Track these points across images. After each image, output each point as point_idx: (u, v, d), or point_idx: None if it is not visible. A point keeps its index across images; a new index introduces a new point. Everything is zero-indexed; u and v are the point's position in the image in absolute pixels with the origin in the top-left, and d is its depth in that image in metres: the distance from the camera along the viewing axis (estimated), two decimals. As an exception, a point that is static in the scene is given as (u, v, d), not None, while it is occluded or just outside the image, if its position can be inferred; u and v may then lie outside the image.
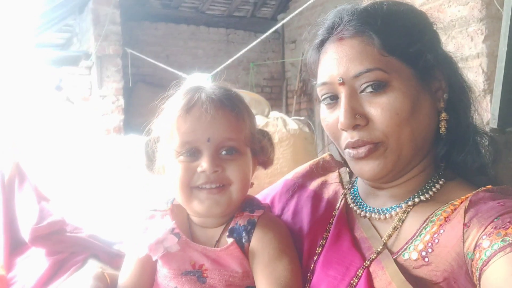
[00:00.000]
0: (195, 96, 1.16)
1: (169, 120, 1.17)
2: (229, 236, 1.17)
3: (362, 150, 1.05)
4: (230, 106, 1.17)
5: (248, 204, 1.23)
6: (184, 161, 1.14)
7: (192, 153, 1.14)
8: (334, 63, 1.08)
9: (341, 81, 1.06)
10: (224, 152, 1.15)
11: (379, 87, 1.02)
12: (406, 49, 1.03)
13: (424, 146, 1.09)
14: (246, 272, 1.15)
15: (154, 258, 1.15)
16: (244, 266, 1.15)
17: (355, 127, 1.05)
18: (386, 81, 1.02)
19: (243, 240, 1.16)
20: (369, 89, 1.03)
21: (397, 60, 1.03)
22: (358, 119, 1.04)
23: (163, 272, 1.19)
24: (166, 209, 1.25)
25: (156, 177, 1.26)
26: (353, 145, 1.06)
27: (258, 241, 1.15)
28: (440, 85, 1.09)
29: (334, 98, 1.10)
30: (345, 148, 1.09)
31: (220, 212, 1.16)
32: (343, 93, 1.06)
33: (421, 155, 1.10)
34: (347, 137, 1.07)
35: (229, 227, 1.19)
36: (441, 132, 1.09)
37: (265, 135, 1.30)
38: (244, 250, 1.15)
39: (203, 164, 1.11)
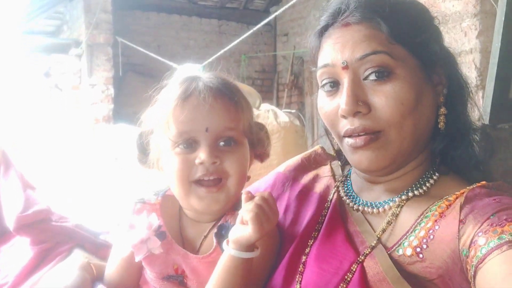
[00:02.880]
0: (192, 85, 1.13)
1: (165, 110, 1.13)
2: (217, 234, 1.14)
3: (360, 139, 1.02)
4: (228, 95, 1.13)
5: (240, 202, 1.21)
6: (181, 153, 1.11)
7: (189, 144, 1.10)
8: (338, 47, 1.04)
9: (345, 64, 1.02)
10: (222, 143, 1.11)
11: (384, 74, 0.99)
12: (413, 38, 1.01)
13: (423, 140, 1.07)
14: None
15: (137, 259, 1.11)
16: None
17: (356, 114, 1.01)
18: (391, 68, 0.99)
19: None
20: (373, 77, 1.00)
21: (403, 48, 1.01)
22: (360, 106, 1.00)
23: (148, 272, 1.17)
24: (155, 203, 1.22)
25: (147, 170, 1.23)
26: (352, 132, 1.03)
27: None
28: (440, 79, 1.07)
29: (334, 85, 1.07)
30: (343, 137, 1.06)
31: (219, 209, 1.14)
32: (346, 78, 1.03)
33: (419, 149, 1.08)
34: (346, 124, 1.04)
35: (218, 224, 1.16)
36: (440, 127, 1.07)
37: (262, 128, 1.27)
38: None
39: (201, 155, 1.07)
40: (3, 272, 1.70)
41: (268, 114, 3.33)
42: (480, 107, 1.58)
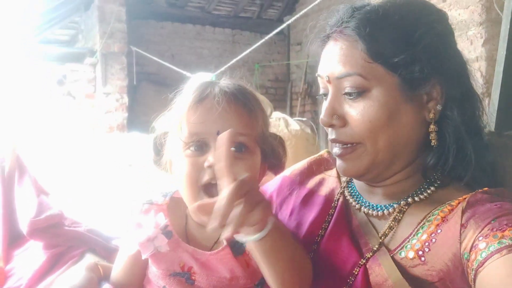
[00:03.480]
0: (208, 89, 1.14)
1: (180, 111, 1.14)
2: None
3: (337, 149, 1.11)
4: (243, 101, 1.13)
5: None
6: (191, 156, 1.11)
7: (200, 146, 1.10)
8: (326, 61, 1.12)
9: (328, 79, 1.10)
10: (232, 149, 1.08)
11: (359, 92, 1.05)
12: (390, 58, 1.03)
13: (405, 154, 1.09)
14: (235, 277, 1.13)
15: (143, 257, 1.12)
16: (233, 272, 1.13)
17: (331, 126, 1.10)
18: (364, 88, 1.04)
19: (243, 245, 1.12)
20: (349, 94, 1.07)
21: (382, 67, 1.03)
22: (335, 119, 1.09)
23: (153, 270, 1.19)
24: (162, 204, 1.24)
25: (160, 174, 1.24)
26: (332, 142, 1.12)
27: None
28: (433, 95, 1.07)
29: (326, 94, 1.14)
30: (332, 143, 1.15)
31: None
32: (329, 91, 1.11)
33: (403, 162, 1.10)
34: (330, 133, 1.13)
35: None
36: (432, 144, 1.08)
37: (276, 139, 1.27)
38: (245, 249, 1.13)
39: (210, 158, 1.06)
40: (17, 275, 1.74)
41: (279, 122, 3.35)
42: (486, 115, 1.59)
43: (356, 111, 1.05)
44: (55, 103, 6.80)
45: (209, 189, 1.08)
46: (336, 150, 1.12)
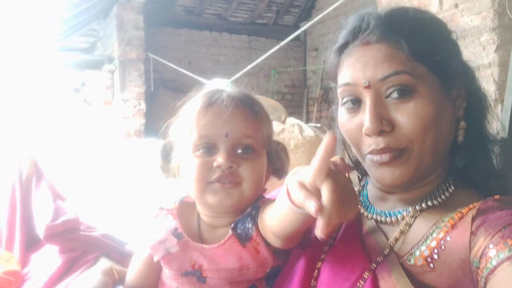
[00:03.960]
0: (216, 94, 1.19)
1: (189, 116, 1.19)
2: (233, 228, 1.16)
3: (386, 156, 1.03)
4: (249, 106, 1.19)
5: (253, 203, 1.24)
6: (201, 157, 1.16)
7: (209, 148, 1.15)
8: (359, 66, 1.05)
9: (367, 84, 1.03)
10: (240, 151, 1.16)
11: (405, 92, 1.01)
12: (432, 56, 1.02)
13: (442, 154, 1.08)
14: (245, 266, 1.15)
15: (155, 259, 1.17)
16: (242, 260, 1.14)
17: (380, 133, 1.02)
18: (412, 86, 1.01)
19: (250, 231, 1.15)
20: (395, 95, 1.02)
21: (423, 66, 1.02)
22: (384, 124, 1.02)
23: (166, 272, 1.21)
24: (173, 208, 1.26)
25: (171, 179, 1.28)
26: (378, 152, 1.04)
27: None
28: (459, 93, 1.08)
29: (355, 102, 1.08)
30: (367, 154, 1.08)
31: (231, 205, 1.16)
32: (368, 97, 1.04)
33: (438, 163, 1.09)
34: (371, 143, 1.05)
35: (236, 219, 1.18)
36: (458, 140, 1.08)
37: (279, 144, 1.31)
38: (253, 237, 1.15)
39: (219, 158, 1.12)
40: (34, 278, 1.77)
41: (294, 128, 3.35)
42: (498, 121, 1.58)
43: (408, 112, 1.00)
44: (73, 109, 6.89)
45: (215, 183, 1.14)
46: (382, 157, 1.04)
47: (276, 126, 3.38)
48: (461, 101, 1.08)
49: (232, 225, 1.17)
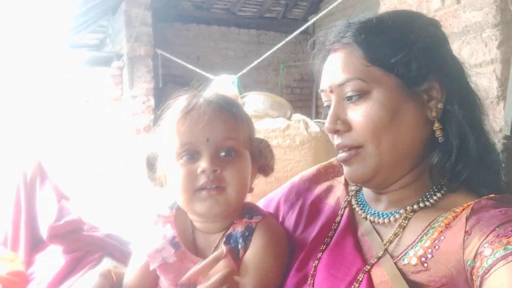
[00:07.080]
0: (193, 100, 1.21)
1: (169, 125, 1.21)
2: (226, 243, 1.18)
3: (343, 154, 1.14)
4: (227, 108, 1.21)
5: (248, 210, 1.25)
6: (185, 164, 1.17)
7: (192, 155, 1.17)
8: (327, 73, 1.18)
9: (330, 89, 1.15)
10: (223, 154, 1.17)
11: (360, 96, 1.09)
12: (387, 59, 1.08)
13: (411, 155, 1.11)
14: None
15: (151, 267, 1.18)
16: (236, 273, 1.14)
17: (336, 132, 1.14)
18: (365, 90, 1.09)
19: (239, 247, 1.17)
20: (352, 98, 1.11)
21: (380, 69, 1.09)
22: (339, 125, 1.12)
23: (162, 279, 1.22)
24: (169, 215, 1.28)
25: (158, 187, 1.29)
26: (337, 148, 1.15)
27: (255, 248, 1.17)
28: (433, 94, 1.10)
29: (329, 106, 1.17)
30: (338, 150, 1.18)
31: (220, 212, 1.18)
32: (332, 100, 1.15)
33: (409, 164, 1.12)
34: (334, 140, 1.16)
35: (227, 233, 1.21)
36: (439, 141, 1.10)
37: (261, 142, 1.33)
38: (239, 257, 1.17)
39: (202, 164, 1.14)
40: (38, 279, 1.79)
41: (299, 124, 3.34)
42: (501, 118, 1.57)
43: (359, 113, 1.09)
44: (82, 108, 6.94)
45: (202, 191, 1.16)
46: (341, 155, 1.14)
47: (282, 122, 3.38)
48: (436, 102, 1.10)
49: (224, 239, 1.20)
